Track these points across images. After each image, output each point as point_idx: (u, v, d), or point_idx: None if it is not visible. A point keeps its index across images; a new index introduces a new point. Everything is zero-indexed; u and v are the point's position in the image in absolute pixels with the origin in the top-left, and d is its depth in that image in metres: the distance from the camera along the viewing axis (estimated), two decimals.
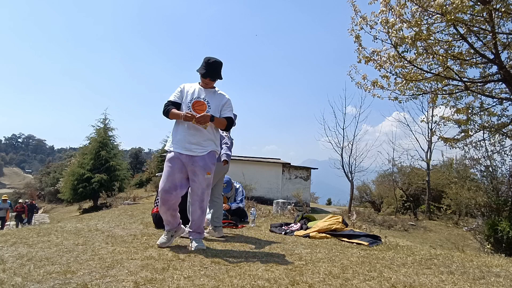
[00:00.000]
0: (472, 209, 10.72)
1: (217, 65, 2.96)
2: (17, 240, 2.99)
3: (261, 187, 17.95)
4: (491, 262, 2.73)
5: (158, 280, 1.95)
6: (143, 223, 4.31)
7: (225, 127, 3.00)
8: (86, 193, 18.36)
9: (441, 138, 7.84)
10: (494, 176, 9.25)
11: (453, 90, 7.04)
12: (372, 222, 12.45)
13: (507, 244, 6.92)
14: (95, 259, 2.36)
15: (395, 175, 18.62)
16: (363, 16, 6.24)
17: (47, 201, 33.97)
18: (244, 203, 5.36)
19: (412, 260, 2.70)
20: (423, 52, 6.08)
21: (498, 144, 7.92)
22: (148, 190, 22.19)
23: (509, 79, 6.18)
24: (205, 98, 2.96)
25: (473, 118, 7.43)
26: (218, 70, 2.99)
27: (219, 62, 2.99)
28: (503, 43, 6.20)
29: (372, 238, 3.62)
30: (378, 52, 6.48)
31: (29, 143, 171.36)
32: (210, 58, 2.96)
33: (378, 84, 6.86)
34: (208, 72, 2.93)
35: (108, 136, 20.50)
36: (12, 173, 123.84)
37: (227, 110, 3.02)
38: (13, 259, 2.32)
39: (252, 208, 5.07)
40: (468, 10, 5.43)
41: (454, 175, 12.88)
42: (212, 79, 2.98)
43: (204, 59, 2.98)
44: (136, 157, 44.62)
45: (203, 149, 2.88)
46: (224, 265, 2.33)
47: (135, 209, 8.16)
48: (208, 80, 2.97)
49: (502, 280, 2.18)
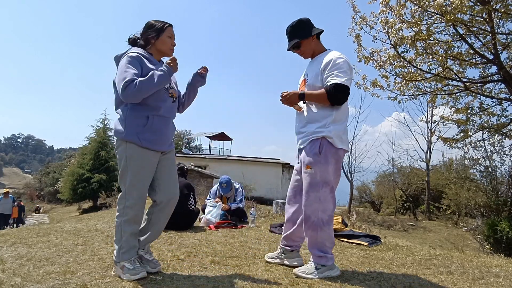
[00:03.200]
0: (472, 209, 10.73)
1: (288, 32, 2.36)
2: (17, 240, 2.99)
3: (261, 187, 17.94)
4: (490, 262, 2.74)
5: (157, 280, 1.95)
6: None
7: (330, 100, 2.13)
8: (86, 193, 18.32)
9: (440, 138, 7.85)
10: (494, 176, 9.27)
11: (453, 90, 7.05)
12: (372, 222, 12.44)
13: (507, 244, 6.93)
14: (94, 259, 2.36)
15: (394, 175, 18.64)
16: (362, 16, 6.25)
17: (47, 201, 33.90)
18: (244, 203, 5.35)
19: (411, 261, 2.70)
20: (423, 52, 6.09)
21: (498, 144, 7.94)
22: None
23: (509, 80, 6.18)
24: (306, 72, 2.39)
25: (473, 118, 7.44)
26: (290, 36, 2.34)
27: (289, 25, 2.35)
28: (502, 43, 6.21)
29: (371, 239, 3.62)
30: (377, 52, 6.49)
31: (29, 143, 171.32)
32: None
33: (378, 84, 6.87)
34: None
35: (107, 136, 20.45)
36: (12, 173, 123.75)
37: (330, 74, 2.14)
38: (12, 259, 2.32)
39: (251, 209, 5.07)
40: (468, 10, 5.43)
41: (453, 175, 12.88)
42: (292, 48, 2.37)
43: None
44: None
45: (304, 138, 2.24)
46: (223, 265, 2.32)
47: None
48: (294, 51, 2.40)
49: (501, 280, 2.19)
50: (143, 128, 2.02)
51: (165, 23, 2.17)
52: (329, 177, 2.14)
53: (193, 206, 4.14)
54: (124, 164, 2.03)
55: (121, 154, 2.04)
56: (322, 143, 2.14)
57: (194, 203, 4.18)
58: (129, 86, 1.91)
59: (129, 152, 2.02)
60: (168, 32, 2.15)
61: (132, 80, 1.92)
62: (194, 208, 4.17)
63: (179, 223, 3.88)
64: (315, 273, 2.10)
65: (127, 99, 1.97)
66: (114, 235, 2.06)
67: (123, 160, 2.03)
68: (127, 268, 1.94)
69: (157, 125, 2.06)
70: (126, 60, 2.01)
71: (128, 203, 2.01)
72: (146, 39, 2.15)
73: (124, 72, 1.96)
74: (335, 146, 2.15)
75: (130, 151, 2.02)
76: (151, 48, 2.16)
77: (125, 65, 1.99)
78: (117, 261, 1.99)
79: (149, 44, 2.15)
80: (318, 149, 2.13)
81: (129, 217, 2.01)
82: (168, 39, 2.16)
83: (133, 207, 2.01)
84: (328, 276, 2.12)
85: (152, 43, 2.15)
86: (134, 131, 2.01)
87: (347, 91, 2.13)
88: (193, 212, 4.15)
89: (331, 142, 2.14)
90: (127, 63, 2.00)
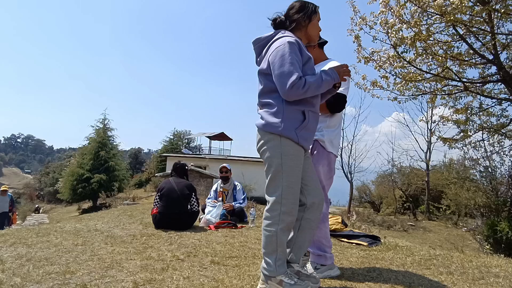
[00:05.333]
0: (472, 209, 10.73)
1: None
2: (16, 240, 2.99)
3: (261, 188, 17.87)
4: (490, 262, 2.73)
5: (157, 280, 1.95)
6: (142, 224, 4.30)
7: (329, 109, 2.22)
8: (86, 193, 18.33)
9: (440, 138, 7.86)
10: (493, 176, 9.27)
11: (452, 90, 7.06)
12: (372, 222, 12.44)
13: (506, 244, 6.93)
14: (94, 260, 2.36)
15: (394, 175, 18.62)
16: (362, 17, 6.25)
17: (47, 201, 33.90)
18: (246, 202, 5.39)
19: (411, 261, 2.70)
20: (423, 53, 6.09)
21: (497, 144, 7.93)
22: (147, 190, 22.14)
23: (508, 80, 6.19)
24: None
25: (472, 118, 7.44)
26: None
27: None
28: (502, 43, 6.22)
29: (371, 239, 3.62)
30: (377, 53, 6.49)
31: (28, 143, 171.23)
32: None
33: (378, 85, 6.87)
34: None
35: (107, 136, 20.48)
36: (11, 173, 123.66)
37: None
38: (12, 259, 2.32)
39: (251, 209, 5.07)
40: (468, 10, 5.43)
41: (453, 175, 12.88)
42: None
43: None
44: (136, 157, 44.56)
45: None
46: (223, 266, 2.32)
47: (135, 209, 8.14)
48: None
49: (501, 281, 2.19)
50: (300, 124, 1.80)
51: (315, 5, 1.94)
52: (321, 178, 2.21)
53: (196, 207, 4.15)
54: (278, 162, 1.78)
55: (275, 150, 1.79)
56: (314, 145, 2.22)
57: (197, 205, 4.19)
58: (297, 85, 1.70)
59: (285, 149, 1.77)
60: (318, 15, 1.95)
61: (299, 77, 1.71)
62: (196, 209, 4.18)
63: (179, 224, 3.88)
64: (315, 273, 2.11)
65: (289, 97, 1.75)
66: (264, 246, 1.80)
67: (277, 158, 1.77)
68: (287, 283, 1.72)
69: (311, 122, 1.86)
70: (289, 48, 1.76)
71: (284, 209, 1.76)
72: (298, 22, 1.91)
73: (290, 64, 1.72)
74: (326, 150, 2.24)
75: (287, 148, 1.78)
76: (300, 33, 1.93)
77: (289, 54, 1.74)
78: (272, 276, 1.75)
79: (300, 28, 1.92)
80: (310, 151, 2.18)
81: (285, 225, 1.77)
82: (318, 24, 1.97)
83: (290, 213, 1.77)
84: (327, 276, 2.12)
85: (303, 26, 1.91)
86: (292, 126, 1.78)
87: (345, 100, 2.22)
88: (194, 212, 4.15)
89: (323, 145, 2.24)
90: (291, 51, 1.75)
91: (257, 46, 1.95)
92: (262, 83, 1.88)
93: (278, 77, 1.75)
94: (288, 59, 1.73)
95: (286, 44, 1.76)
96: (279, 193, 1.77)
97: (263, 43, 1.92)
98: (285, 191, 1.76)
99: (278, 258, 1.76)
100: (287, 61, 1.72)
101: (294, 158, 1.79)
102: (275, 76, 1.77)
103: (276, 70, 1.75)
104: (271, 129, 1.78)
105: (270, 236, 1.77)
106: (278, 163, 1.77)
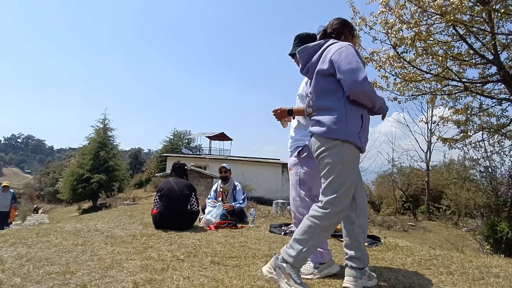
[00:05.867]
0: (472, 209, 10.71)
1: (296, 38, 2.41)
2: (16, 240, 2.99)
3: (261, 188, 17.94)
4: (490, 262, 2.73)
5: (157, 280, 1.95)
6: (142, 224, 4.30)
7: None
8: (86, 193, 18.35)
9: (440, 138, 7.85)
10: (494, 176, 9.25)
11: (452, 90, 7.05)
12: (372, 222, 12.43)
13: (506, 244, 6.92)
14: (94, 260, 2.36)
15: (394, 175, 18.62)
16: (362, 17, 6.26)
17: (47, 201, 33.94)
18: (246, 202, 5.39)
19: (411, 261, 2.70)
20: (423, 53, 6.10)
21: (497, 144, 7.93)
22: (147, 191, 22.16)
23: (508, 80, 6.19)
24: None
25: (472, 118, 7.44)
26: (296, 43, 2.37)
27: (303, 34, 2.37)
28: (502, 43, 6.21)
29: (371, 239, 3.62)
30: (377, 53, 6.49)
31: (29, 143, 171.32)
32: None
33: (377, 85, 6.87)
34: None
35: (107, 136, 20.50)
36: (12, 173, 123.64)
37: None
38: (12, 259, 2.32)
39: (251, 209, 5.08)
40: (468, 10, 5.43)
41: (453, 175, 12.87)
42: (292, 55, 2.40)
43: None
44: (136, 158, 44.60)
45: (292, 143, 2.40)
46: (223, 266, 2.32)
47: (135, 209, 8.14)
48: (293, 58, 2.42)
49: (501, 281, 2.19)
50: (360, 128, 1.81)
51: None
52: (307, 178, 2.25)
53: (196, 207, 4.15)
54: (339, 169, 1.77)
55: (337, 156, 1.77)
56: (304, 149, 2.28)
57: (197, 205, 4.19)
58: (368, 80, 1.70)
59: (347, 156, 1.77)
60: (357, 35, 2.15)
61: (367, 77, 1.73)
62: (196, 209, 4.18)
63: (179, 224, 3.88)
64: (315, 273, 2.11)
65: (359, 91, 1.74)
66: (299, 233, 1.79)
67: (339, 164, 1.77)
68: (294, 280, 1.72)
69: (367, 125, 1.88)
70: (352, 49, 1.83)
71: (335, 209, 1.77)
72: (345, 36, 2.01)
73: (357, 62, 1.76)
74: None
75: (349, 154, 1.78)
76: None
77: (353, 54, 1.79)
78: (284, 264, 1.75)
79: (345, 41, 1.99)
80: (300, 153, 2.28)
81: (330, 223, 1.78)
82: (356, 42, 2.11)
83: (338, 214, 1.80)
84: (327, 274, 2.13)
85: (349, 40, 2.01)
86: (355, 131, 1.78)
87: None
88: (194, 212, 4.15)
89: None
90: (356, 52, 1.81)
91: (304, 54, 1.99)
92: (319, 85, 1.89)
93: (348, 73, 1.74)
94: (354, 58, 1.77)
95: (348, 46, 1.83)
96: (335, 196, 1.78)
97: (312, 50, 1.96)
98: (341, 195, 1.78)
99: (305, 251, 1.75)
100: (354, 59, 1.76)
101: (354, 164, 1.84)
102: (343, 72, 1.76)
103: (343, 67, 1.76)
104: (335, 135, 1.77)
105: (310, 226, 1.78)
106: (339, 170, 1.78)
